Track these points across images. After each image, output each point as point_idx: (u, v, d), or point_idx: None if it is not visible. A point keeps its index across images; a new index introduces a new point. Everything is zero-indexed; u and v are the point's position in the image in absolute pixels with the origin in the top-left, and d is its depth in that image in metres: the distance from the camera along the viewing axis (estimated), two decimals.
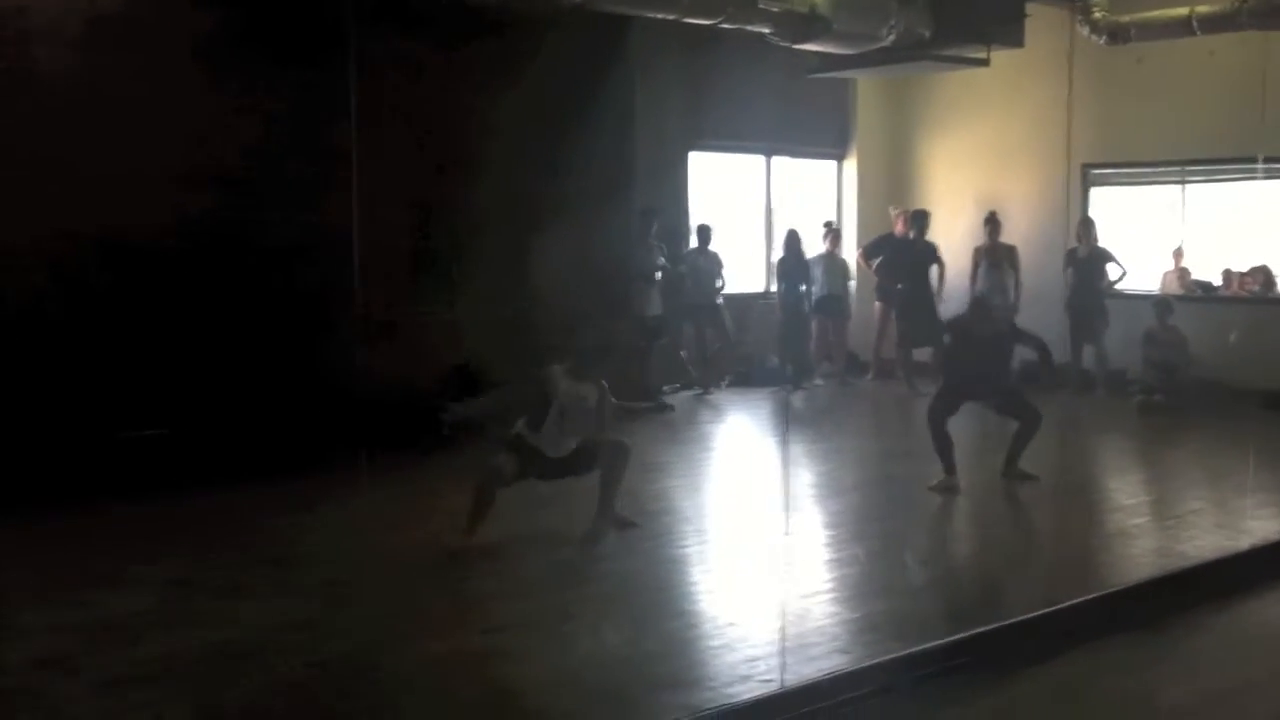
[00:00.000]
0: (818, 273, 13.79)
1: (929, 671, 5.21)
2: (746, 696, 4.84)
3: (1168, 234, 13.64)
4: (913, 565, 7.09)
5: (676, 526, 7.79)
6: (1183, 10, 11.18)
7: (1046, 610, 5.88)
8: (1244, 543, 7.15)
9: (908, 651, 5.29)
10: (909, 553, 7.33)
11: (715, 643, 5.53)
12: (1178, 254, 13.55)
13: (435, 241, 10.20)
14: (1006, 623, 5.68)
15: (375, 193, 9.78)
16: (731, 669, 5.17)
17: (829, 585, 6.52)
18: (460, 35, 9.92)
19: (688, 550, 7.26)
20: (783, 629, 5.38)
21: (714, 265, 12.92)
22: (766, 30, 9.57)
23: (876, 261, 13.65)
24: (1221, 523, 7.73)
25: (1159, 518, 8.10)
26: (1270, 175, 12.35)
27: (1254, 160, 12.41)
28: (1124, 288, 13.09)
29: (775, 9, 9.09)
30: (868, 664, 5.18)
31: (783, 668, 5.07)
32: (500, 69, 10.25)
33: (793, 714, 4.81)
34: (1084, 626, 5.76)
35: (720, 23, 9.20)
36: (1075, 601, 6.00)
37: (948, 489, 8.44)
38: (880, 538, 7.58)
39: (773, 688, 4.94)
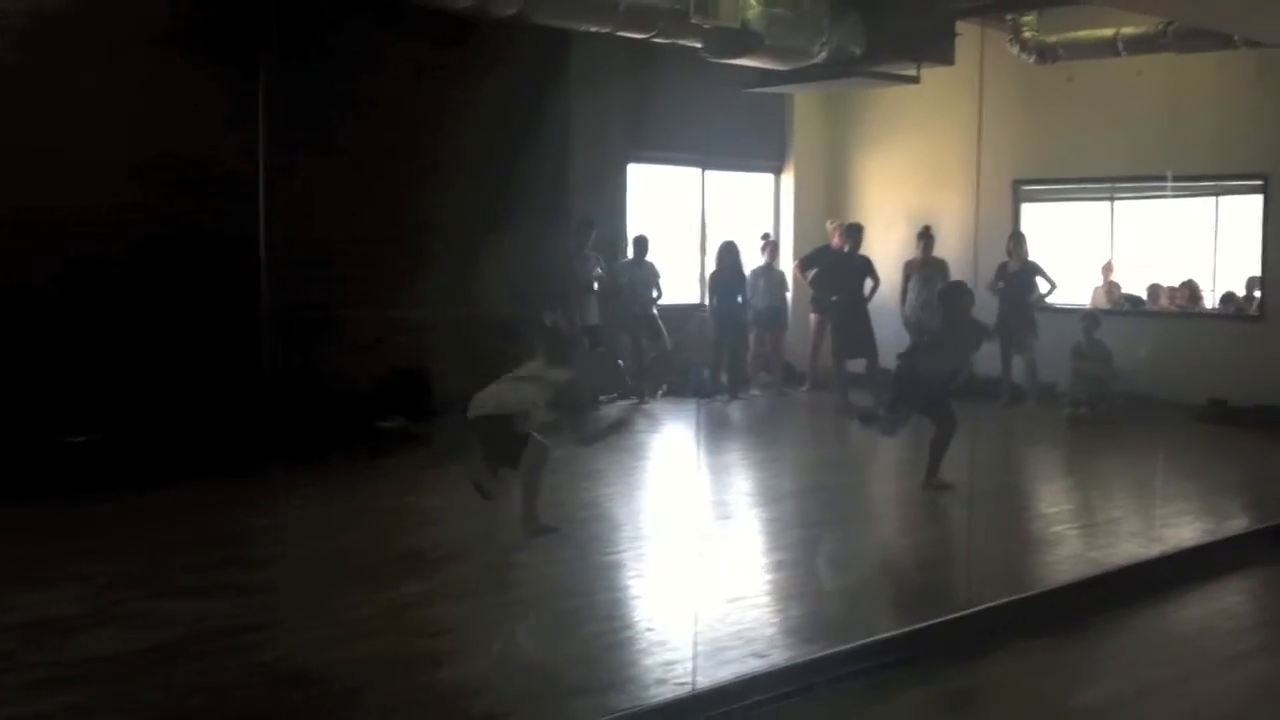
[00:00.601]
0: (760, 284, 13.95)
1: (843, 673, 5.30)
2: (657, 700, 4.91)
3: (1098, 249, 13.90)
4: (837, 570, 7.21)
5: (607, 534, 7.86)
6: (1108, 31, 11.44)
7: (965, 613, 6.00)
8: (1155, 550, 7.33)
9: (819, 654, 5.39)
10: (835, 558, 7.45)
11: (636, 647, 5.61)
12: (1107, 269, 13.82)
13: (387, 242, 10.27)
14: (924, 625, 5.79)
15: (324, 193, 9.90)
16: (649, 673, 5.25)
17: (754, 590, 6.62)
18: (404, 35, 9.98)
19: (616, 557, 7.33)
20: (696, 633, 5.46)
21: (650, 276, 13.01)
22: (698, 45, 9.69)
23: (812, 273, 13.80)
24: (1137, 530, 7.91)
25: (1078, 525, 8.29)
26: (1180, 194, 12.69)
27: (1180, 178, 12.72)
28: (1054, 302, 13.32)
29: (707, 25, 9.21)
30: (780, 667, 5.27)
31: (694, 671, 5.15)
32: (445, 76, 10.33)
33: (704, 716, 4.88)
34: (1002, 629, 5.88)
35: (654, 37, 9.31)
36: (994, 604, 6.12)
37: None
38: (808, 544, 7.71)
39: (684, 691, 5.02)
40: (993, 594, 6.23)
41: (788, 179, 15.28)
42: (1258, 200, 12.47)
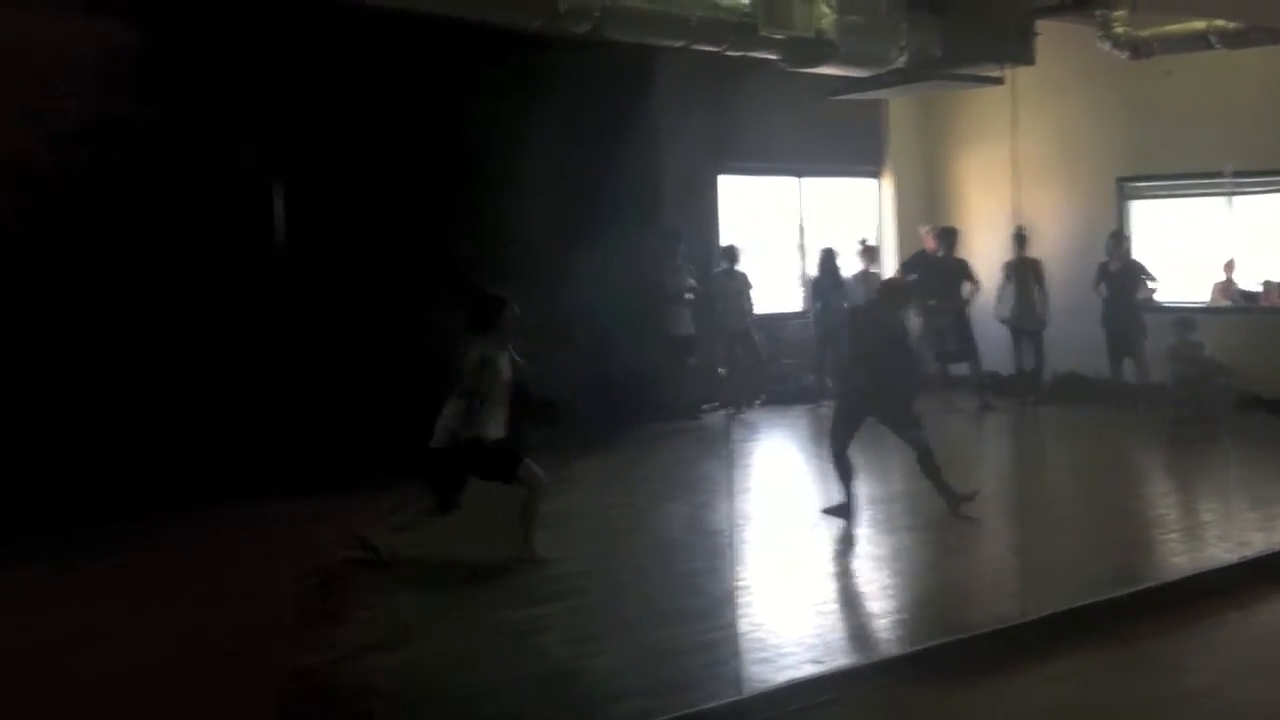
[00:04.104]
0: (860, 289, 13.96)
1: (885, 681, 5.36)
2: (700, 707, 5.02)
3: (1215, 246, 13.48)
4: (911, 576, 7.24)
5: (693, 542, 7.97)
6: (1200, 24, 11.19)
7: (1018, 622, 5.98)
8: (1238, 554, 7.18)
9: (864, 662, 5.47)
10: (912, 564, 7.48)
11: (695, 654, 5.68)
12: (1228, 266, 13.40)
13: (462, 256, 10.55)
14: (970, 635, 5.81)
15: (401, 207, 10.23)
16: (705, 679, 5.34)
17: (829, 596, 6.70)
18: (486, 54, 10.23)
19: (695, 565, 7.42)
20: (744, 639, 5.57)
21: (742, 285, 13.10)
22: (773, 56, 9.75)
23: (910, 279, 13.73)
24: (1224, 534, 7.73)
25: (1166, 530, 8.13)
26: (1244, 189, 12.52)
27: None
28: (1166, 300, 13.00)
29: (779, 36, 9.26)
30: (825, 673, 5.35)
31: (740, 677, 5.25)
32: (525, 90, 10.57)
33: None
34: (1060, 636, 5.87)
35: (725, 50, 9.40)
36: (1054, 612, 6.10)
37: (837, 513, 8.30)
38: (887, 550, 7.78)
39: (730, 697, 5.13)
40: (1058, 601, 6.19)
41: (887, 183, 15.23)
42: None
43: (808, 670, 5.45)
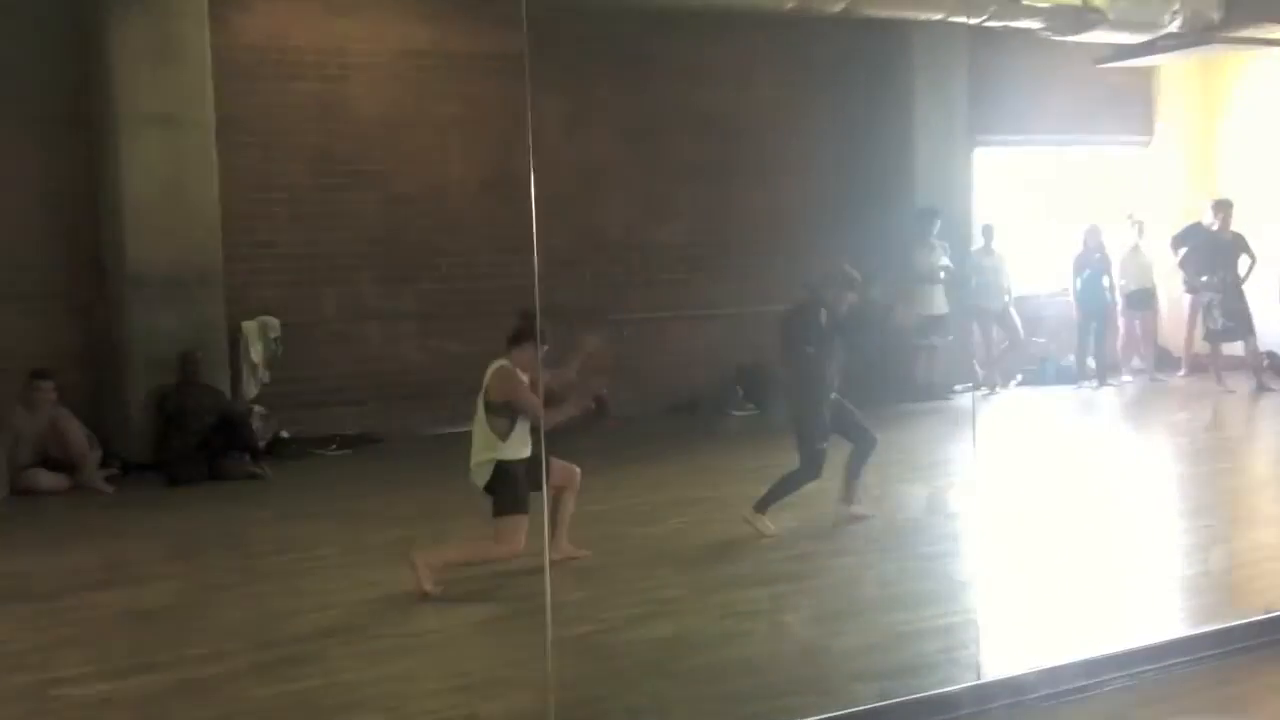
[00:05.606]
0: (1128, 267, 13.49)
1: (1135, 672, 5.17)
2: (937, 690, 4.96)
3: None
4: (1164, 563, 6.96)
5: (936, 525, 7.87)
6: None
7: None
8: None
9: (1112, 652, 5.26)
10: (1170, 550, 7.19)
11: (933, 637, 5.61)
12: None
13: (713, 240, 10.66)
14: (1225, 625, 5.54)
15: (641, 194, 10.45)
16: (942, 662, 5.28)
17: (1075, 581, 6.52)
18: (730, 33, 10.31)
19: (936, 548, 7.32)
20: (984, 624, 5.46)
21: (999, 264, 12.77)
22: (1037, 25, 9.45)
23: (1182, 253, 13.12)
24: None
25: None
26: None
27: None
28: None
29: (1043, 4, 8.98)
30: (1071, 662, 5.17)
31: (980, 664, 5.16)
32: (776, 68, 10.59)
33: (984, 707, 4.89)
34: None
35: (985, 21, 9.17)
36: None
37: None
38: (1141, 539, 7.49)
39: (969, 682, 5.05)
40: None
41: (1156, 154, 14.50)
42: None
43: (1051, 657, 5.30)
